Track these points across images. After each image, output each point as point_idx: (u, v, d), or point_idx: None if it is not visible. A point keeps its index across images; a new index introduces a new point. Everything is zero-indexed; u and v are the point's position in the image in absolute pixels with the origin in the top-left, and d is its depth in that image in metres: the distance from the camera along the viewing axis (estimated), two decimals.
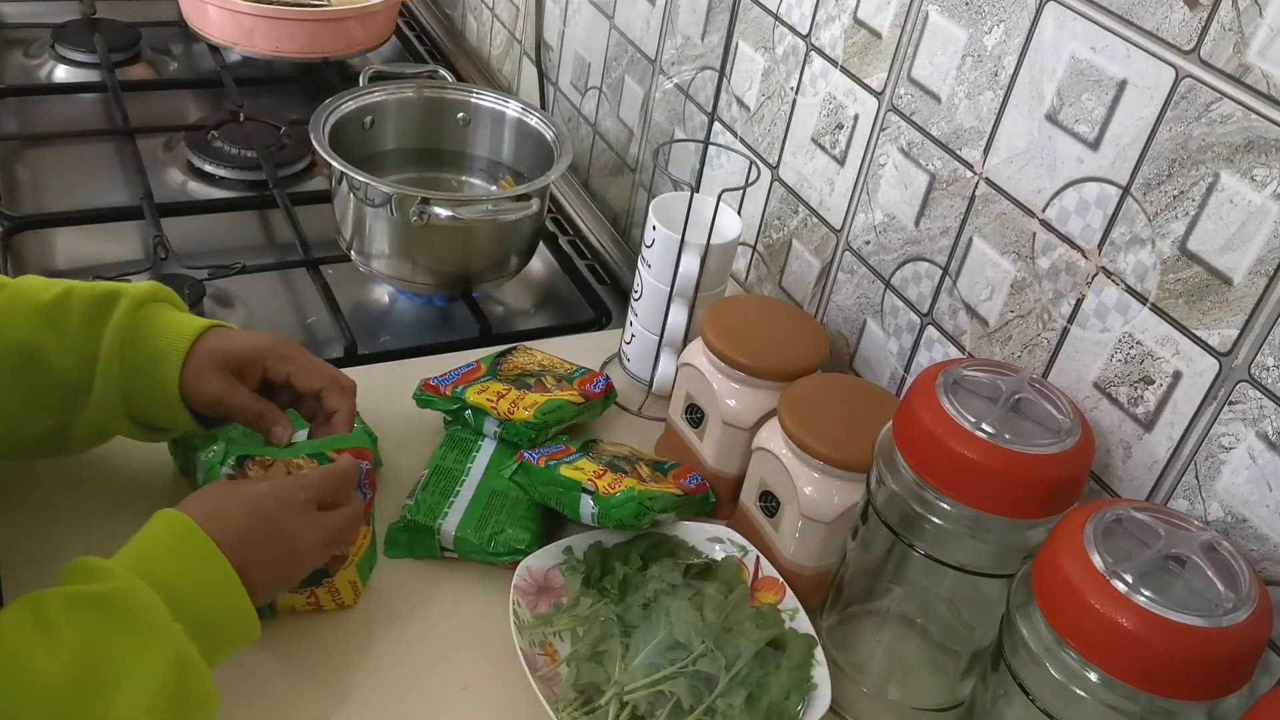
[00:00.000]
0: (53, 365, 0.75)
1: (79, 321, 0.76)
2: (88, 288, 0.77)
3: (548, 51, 1.51)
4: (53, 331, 0.75)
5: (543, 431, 0.92)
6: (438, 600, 0.83)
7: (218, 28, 1.48)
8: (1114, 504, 0.64)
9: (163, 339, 0.77)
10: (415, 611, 0.82)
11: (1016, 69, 0.81)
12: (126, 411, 0.78)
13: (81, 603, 0.60)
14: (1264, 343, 0.66)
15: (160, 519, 0.67)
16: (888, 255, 0.95)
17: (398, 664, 0.78)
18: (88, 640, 0.59)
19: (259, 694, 0.74)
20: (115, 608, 0.61)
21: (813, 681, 0.77)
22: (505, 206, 1.08)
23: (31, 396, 0.76)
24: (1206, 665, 0.58)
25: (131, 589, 0.62)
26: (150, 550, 0.65)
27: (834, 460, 0.81)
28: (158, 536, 0.66)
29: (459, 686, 0.77)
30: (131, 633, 0.60)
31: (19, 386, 0.75)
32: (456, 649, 0.80)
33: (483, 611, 0.82)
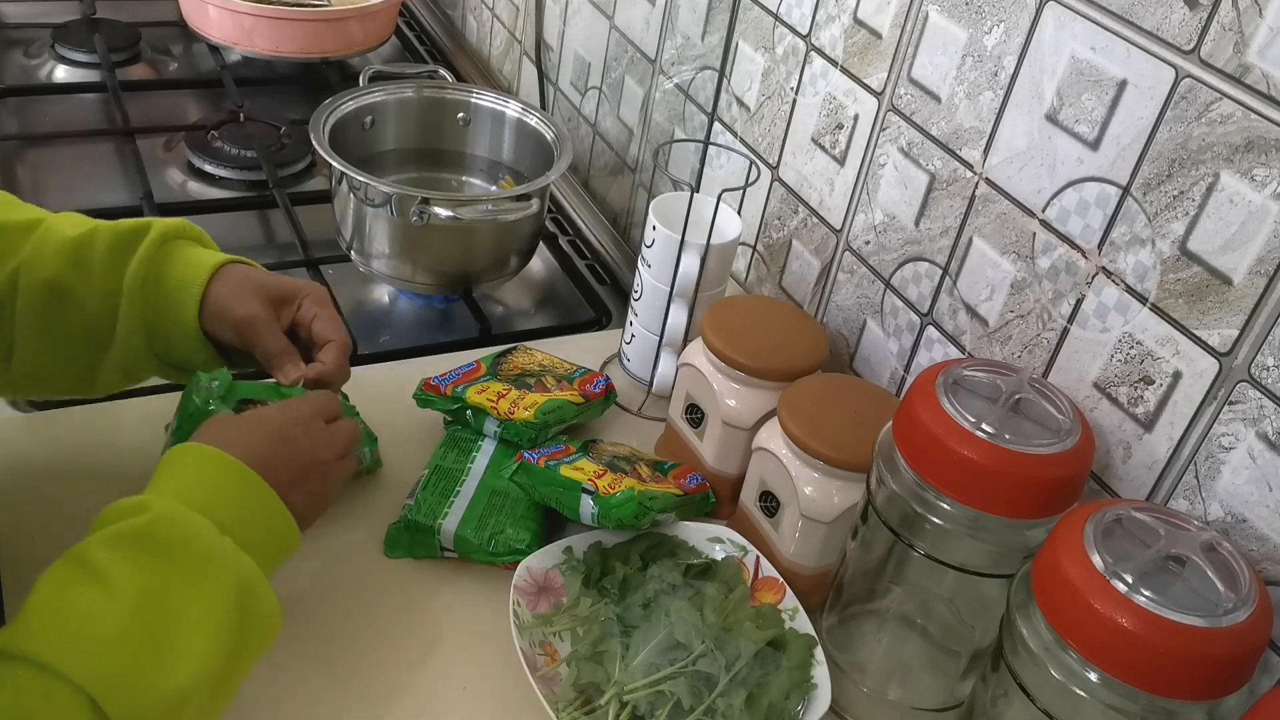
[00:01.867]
0: (80, 304, 0.75)
1: (104, 258, 0.76)
2: (114, 225, 0.77)
3: (548, 51, 1.51)
4: (79, 270, 0.75)
5: (543, 431, 0.92)
6: (438, 600, 0.83)
7: (218, 28, 1.48)
8: (1114, 504, 0.64)
9: (183, 271, 0.77)
10: (415, 611, 0.82)
11: (1016, 69, 0.81)
12: (151, 349, 0.77)
13: (125, 540, 0.59)
14: (1264, 343, 0.66)
15: (176, 452, 0.65)
16: (888, 255, 0.95)
17: (398, 664, 0.78)
18: (142, 579, 0.57)
19: (259, 693, 0.74)
20: (160, 538, 0.59)
21: (813, 681, 0.77)
22: (505, 206, 1.08)
23: (59, 337, 0.76)
24: (1206, 665, 0.58)
25: (170, 514, 0.60)
26: (177, 479, 0.64)
27: (834, 460, 0.81)
28: (181, 465, 0.64)
29: (459, 686, 0.77)
30: (183, 560, 0.59)
31: (46, 326, 0.75)
32: (456, 649, 0.80)
33: (483, 611, 0.82)
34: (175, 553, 0.59)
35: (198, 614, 0.58)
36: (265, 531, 0.65)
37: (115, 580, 0.57)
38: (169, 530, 0.60)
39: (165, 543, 0.59)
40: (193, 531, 0.60)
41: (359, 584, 0.83)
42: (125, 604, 0.57)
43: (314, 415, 0.73)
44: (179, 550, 0.59)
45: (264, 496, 0.65)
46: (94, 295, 0.76)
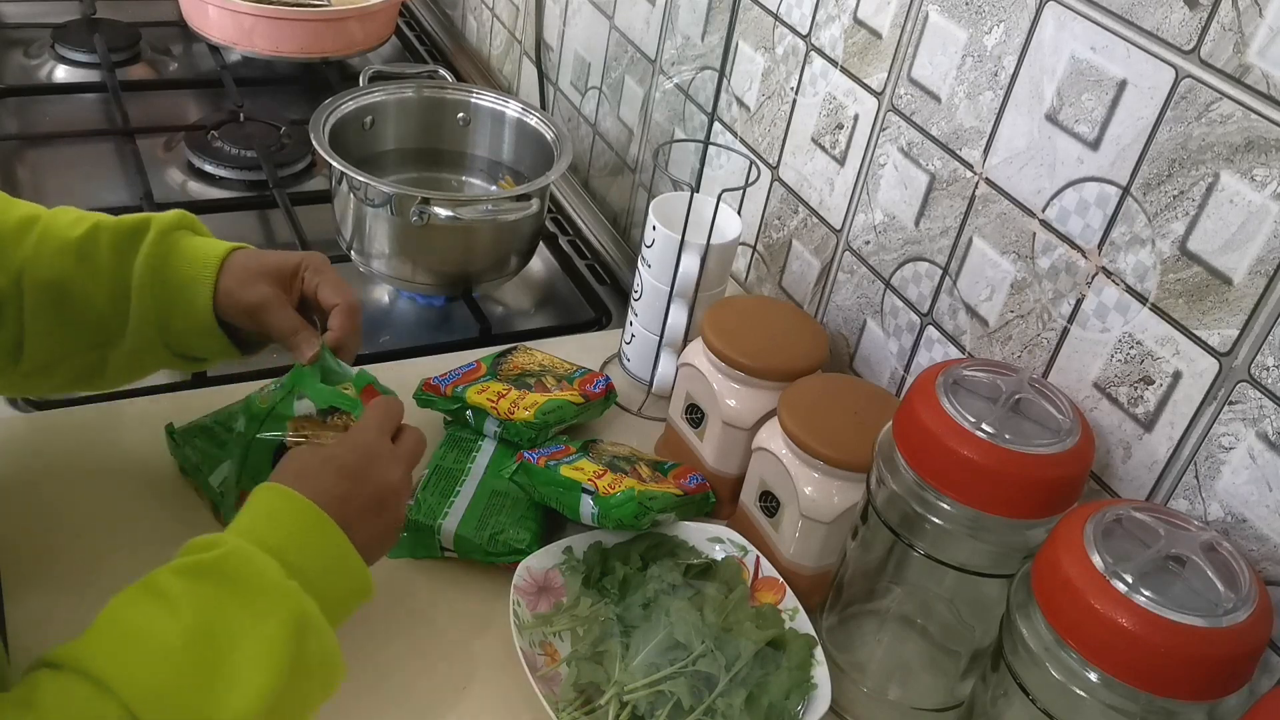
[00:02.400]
0: (86, 300, 0.76)
1: (108, 255, 0.76)
2: (115, 221, 0.78)
3: (548, 51, 1.51)
4: (83, 267, 0.76)
5: (543, 431, 0.92)
6: (438, 600, 0.83)
7: (218, 28, 1.48)
8: (1114, 504, 0.64)
9: (191, 264, 0.78)
10: (415, 611, 0.82)
11: (1016, 69, 0.81)
12: (164, 341, 0.78)
13: (192, 571, 0.60)
14: (1264, 343, 0.66)
15: (256, 493, 0.66)
16: (888, 255, 0.95)
17: (398, 663, 0.78)
18: (202, 605, 0.58)
19: None
20: (226, 572, 0.60)
21: (813, 681, 0.77)
22: (505, 206, 1.08)
23: (67, 331, 0.76)
24: (1206, 665, 0.58)
25: (240, 552, 0.61)
26: (253, 520, 0.64)
27: (834, 460, 0.81)
28: (257, 507, 0.65)
29: (459, 686, 0.77)
30: (245, 593, 0.59)
31: (53, 321, 0.75)
32: (456, 649, 0.80)
33: (483, 611, 0.82)
34: (239, 587, 0.60)
35: (253, 649, 0.58)
36: (335, 576, 0.65)
37: (177, 604, 0.58)
38: (236, 566, 0.60)
39: (231, 576, 0.60)
40: (258, 569, 0.61)
41: None
42: (183, 627, 0.57)
43: (380, 440, 0.72)
44: (243, 585, 0.60)
45: (335, 541, 0.65)
46: (101, 292, 0.77)
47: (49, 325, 0.76)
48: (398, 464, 0.72)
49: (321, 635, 0.62)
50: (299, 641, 0.60)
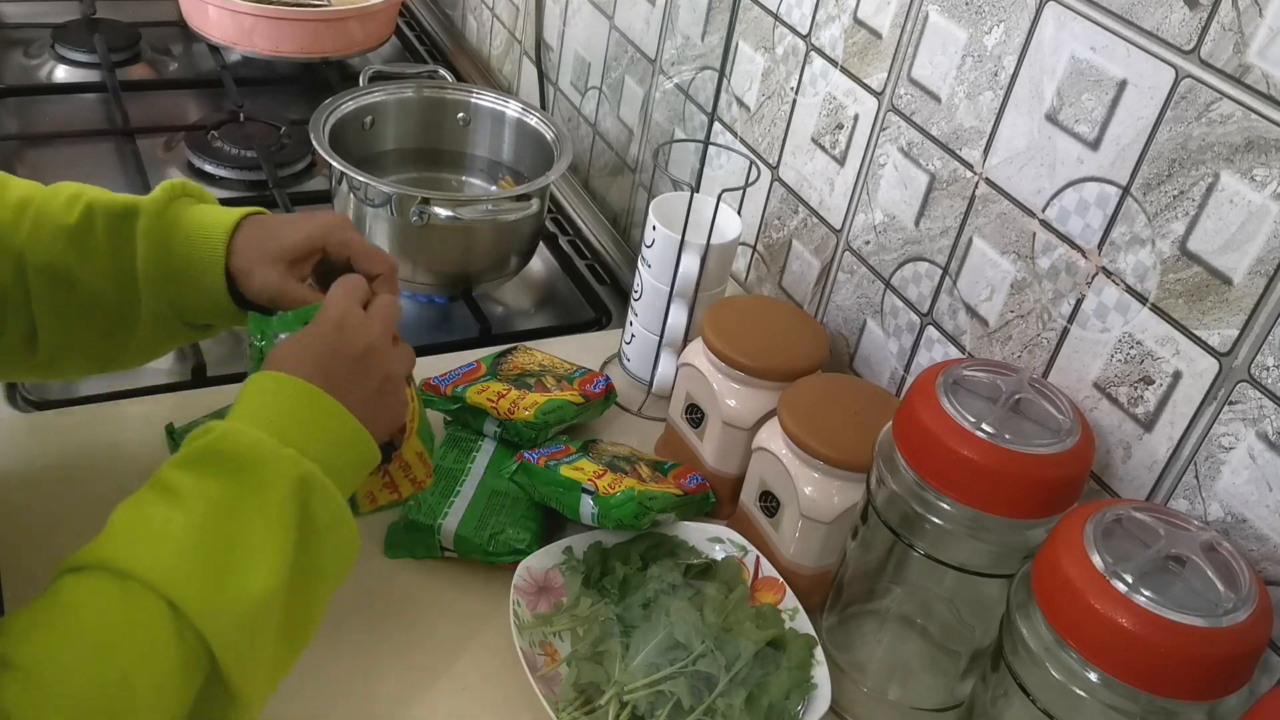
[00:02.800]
0: (92, 288, 0.75)
1: (105, 242, 0.75)
2: (108, 204, 0.76)
3: (548, 51, 1.51)
4: (82, 255, 0.75)
5: (543, 431, 0.92)
6: (438, 600, 0.83)
7: (218, 28, 1.48)
8: (1114, 504, 0.64)
9: (195, 245, 0.77)
10: (415, 611, 0.82)
11: (1016, 69, 0.81)
12: (182, 321, 0.78)
13: (193, 461, 0.61)
14: (1264, 343, 0.66)
15: (247, 382, 0.67)
16: (888, 255, 0.95)
17: (398, 664, 0.78)
18: (206, 491, 0.60)
19: None
20: (223, 452, 0.61)
21: (813, 681, 0.77)
22: (505, 206, 1.08)
23: (78, 319, 0.76)
24: (1206, 665, 0.58)
25: (232, 432, 0.62)
26: (242, 405, 0.65)
27: (834, 460, 0.81)
28: (245, 395, 0.66)
29: (459, 686, 0.77)
30: (244, 471, 0.61)
31: (56, 306, 0.75)
32: (456, 649, 0.80)
33: (483, 611, 0.82)
34: (238, 467, 0.61)
35: (261, 523, 0.60)
36: (332, 440, 0.66)
37: (185, 496, 0.60)
38: (230, 445, 0.62)
39: (229, 457, 0.61)
40: (251, 444, 0.62)
41: (359, 584, 0.82)
42: (196, 516, 0.59)
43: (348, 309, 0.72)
44: (240, 463, 0.61)
45: (324, 406, 0.66)
46: (105, 281, 0.75)
47: (58, 313, 0.75)
48: (369, 324, 0.72)
49: (326, 495, 0.63)
50: (302, 503, 0.62)
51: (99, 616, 0.56)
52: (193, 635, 0.57)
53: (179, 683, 0.57)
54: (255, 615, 0.59)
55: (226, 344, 1.08)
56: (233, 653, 0.58)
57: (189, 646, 0.57)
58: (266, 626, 0.60)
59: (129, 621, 0.56)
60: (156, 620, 0.56)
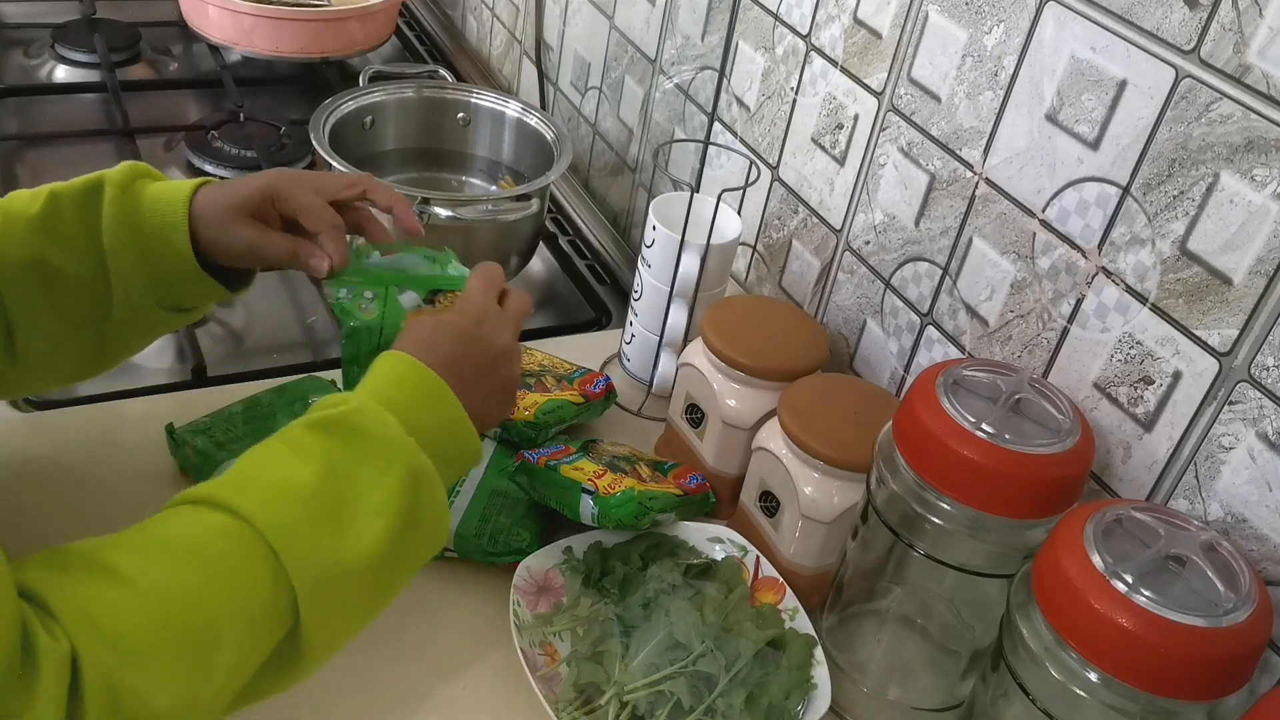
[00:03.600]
0: (65, 273, 0.75)
1: (73, 221, 0.75)
2: (69, 185, 0.77)
3: (548, 51, 1.51)
4: (52, 239, 0.75)
5: (543, 431, 0.92)
6: (438, 600, 0.83)
7: (218, 28, 1.48)
8: (1114, 504, 0.64)
9: (159, 213, 0.77)
10: (415, 611, 0.82)
11: (1016, 69, 0.81)
12: (154, 299, 0.78)
13: (321, 426, 0.64)
14: (1264, 343, 0.66)
15: (380, 360, 0.70)
16: (888, 255, 0.95)
17: (398, 663, 0.78)
18: (330, 455, 0.63)
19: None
20: (352, 424, 0.64)
21: (813, 681, 0.77)
22: (505, 206, 1.08)
23: (55, 312, 0.76)
24: (1206, 665, 0.58)
25: (366, 409, 0.65)
26: (376, 382, 0.68)
27: (834, 460, 0.81)
28: (380, 371, 0.69)
29: (459, 686, 0.77)
30: (370, 446, 0.64)
31: (39, 304, 0.75)
32: (456, 649, 0.80)
33: (483, 611, 0.82)
34: (364, 440, 0.64)
35: (376, 498, 0.63)
36: (447, 438, 0.68)
37: (308, 454, 0.63)
38: (362, 422, 0.65)
39: (357, 431, 0.64)
40: (382, 424, 0.65)
41: None
42: (314, 473, 0.62)
43: (488, 303, 0.76)
44: (368, 439, 0.64)
45: (450, 405, 0.69)
46: (77, 261, 0.75)
47: (36, 309, 0.75)
48: (506, 325, 0.76)
49: (434, 490, 0.66)
50: (415, 493, 0.64)
51: (206, 547, 0.58)
52: (285, 584, 0.59)
53: (264, 628, 0.59)
54: (347, 581, 0.61)
55: (226, 344, 1.08)
56: (316, 612, 0.60)
57: (280, 593, 0.59)
58: (351, 595, 0.62)
59: (232, 558, 0.58)
60: (257, 564, 0.58)
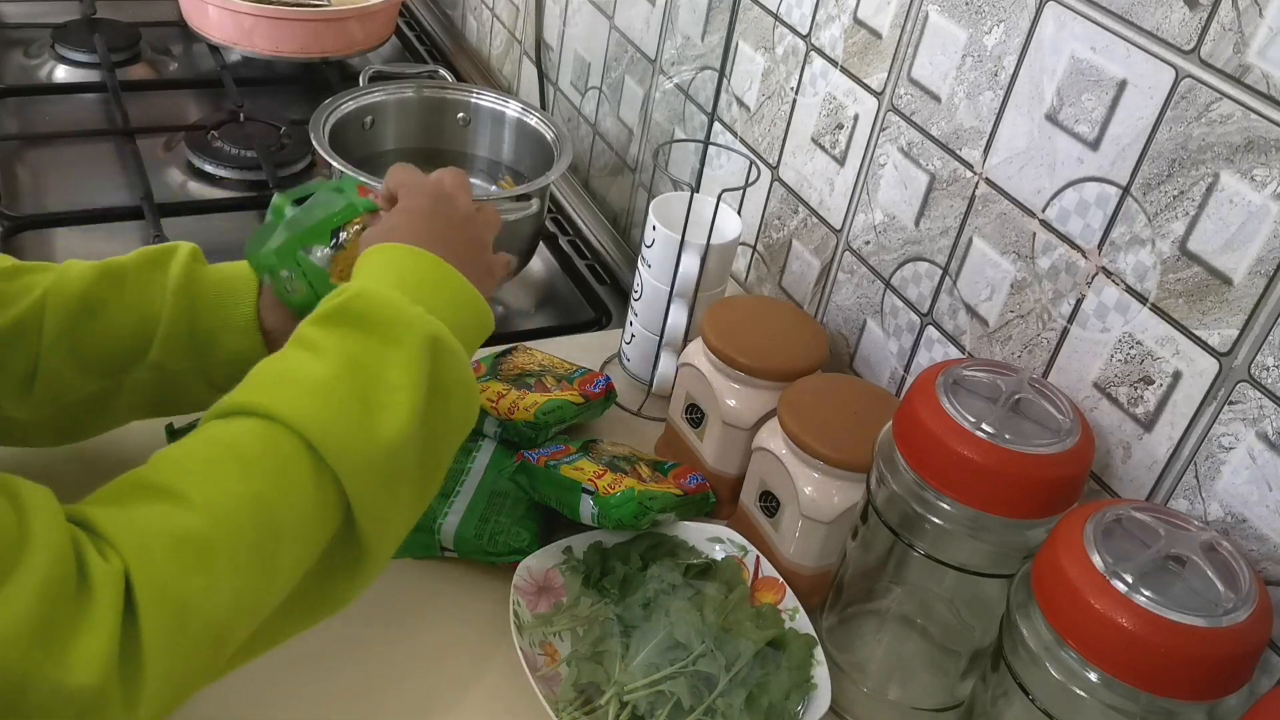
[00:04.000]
0: (110, 320, 0.76)
1: (135, 271, 0.77)
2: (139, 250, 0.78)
3: (548, 51, 1.51)
4: (111, 282, 0.76)
5: (543, 431, 0.92)
6: (438, 600, 0.83)
7: (218, 28, 1.48)
8: (1114, 504, 0.64)
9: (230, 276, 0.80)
10: (415, 611, 0.82)
11: (1016, 69, 0.81)
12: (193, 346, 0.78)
13: (328, 318, 0.65)
14: (1264, 343, 0.66)
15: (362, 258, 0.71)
16: (888, 255, 0.95)
17: (398, 664, 0.78)
18: (342, 344, 0.63)
19: (257, 693, 0.74)
20: (356, 310, 0.65)
21: (813, 681, 0.77)
22: (505, 206, 1.08)
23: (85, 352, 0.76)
24: (1206, 665, 0.58)
25: (365, 292, 0.66)
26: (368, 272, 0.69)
27: (834, 460, 0.81)
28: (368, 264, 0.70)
29: (459, 686, 0.77)
30: (378, 326, 0.64)
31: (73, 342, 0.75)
32: (456, 649, 0.80)
33: (483, 611, 0.82)
34: (371, 321, 0.64)
35: (396, 374, 0.63)
36: (454, 303, 0.69)
37: (322, 348, 0.63)
38: (365, 304, 0.65)
39: (362, 314, 0.65)
40: (385, 301, 0.65)
41: None
42: (334, 366, 0.62)
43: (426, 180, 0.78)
44: (374, 319, 0.64)
45: (445, 272, 0.70)
46: (126, 308, 0.76)
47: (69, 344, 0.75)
48: (457, 192, 0.78)
49: (455, 356, 0.66)
50: (434, 361, 0.65)
51: (247, 451, 0.59)
52: (328, 476, 0.60)
53: (316, 522, 0.60)
54: (387, 461, 0.62)
55: None
56: (364, 497, 0.61)
57: (325, 486, 0.60)
58: (397, 476, 0.63)
59: (273, 457, 0.59)
60: (298, 459, 0.59)
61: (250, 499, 0.57)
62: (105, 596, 0.51)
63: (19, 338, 0.74)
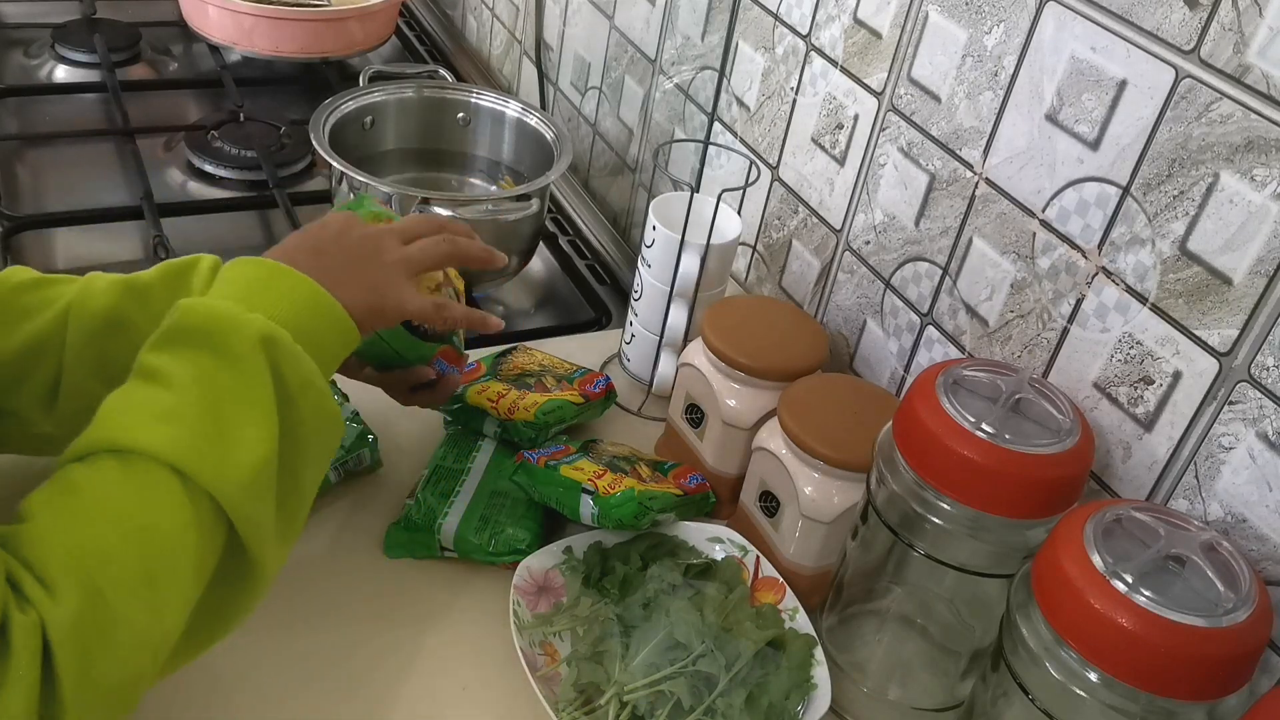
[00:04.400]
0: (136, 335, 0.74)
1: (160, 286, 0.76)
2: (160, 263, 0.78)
3: (548, 51, 1.51)
4: (135, 298, 0.75)
5: (543, 431, 0.92)
6: (438, 600, 0.83)
7: (218, 28, 1.48)
8: (1114, 504, 0.64)
9: None
10: (415, 611, 0.82)
11: (1016, 69, 0.81)
12: None
13: (161, 342, 0.63)
14: (1264, 343, 0.66)
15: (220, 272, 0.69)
16: (888, 255, 0.95)
17: (398, 664, 0.78)
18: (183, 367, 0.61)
19: (257, 693, 0.74)
20: (187, 326, 0.63)
21: (813, 681, 0.77)
22: (505, 206, 1.08)
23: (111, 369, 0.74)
24: (1206, 665, 0.58)
25: (191, 306, 0.64)
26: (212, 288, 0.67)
27: (834, 460, 0.81)
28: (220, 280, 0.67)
29: (459, 686, 0.77)
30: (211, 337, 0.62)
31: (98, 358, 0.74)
32: (456, 649, 0.80)
33: (483, 611, 0.82)
34: (205, 336, 0.62)
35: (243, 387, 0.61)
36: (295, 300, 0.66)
37: (165, 373, 0.61)
38: (192, 319, 0.63)
39: (194, 330, 0.63)
40: (209, 312, 0.63)
41: (359, 584, 0.83)
42: (179, 389, 0.61)
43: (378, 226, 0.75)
44: (208, 333, 0.62)
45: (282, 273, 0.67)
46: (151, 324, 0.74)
47: (93, 360, 0.74)
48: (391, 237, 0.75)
49: (294, 357, 0.63)
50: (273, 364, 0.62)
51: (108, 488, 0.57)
52: (203, 496, 0.58)
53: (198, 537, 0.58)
54: (258, 474, 0.60)
55: None
56: (243, 512, 0.60)
57: (201, 506, 0.58)
58: (268, 492, 0.61)
59: (138, 487, 0.57)
60: (164, 484, 0.58)
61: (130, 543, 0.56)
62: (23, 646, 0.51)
63: (40, 351, 0.73)
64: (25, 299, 0.74)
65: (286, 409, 0.63)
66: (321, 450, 0.66)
